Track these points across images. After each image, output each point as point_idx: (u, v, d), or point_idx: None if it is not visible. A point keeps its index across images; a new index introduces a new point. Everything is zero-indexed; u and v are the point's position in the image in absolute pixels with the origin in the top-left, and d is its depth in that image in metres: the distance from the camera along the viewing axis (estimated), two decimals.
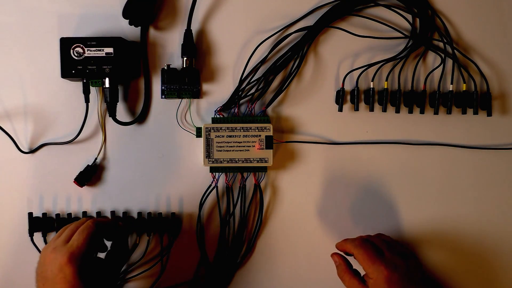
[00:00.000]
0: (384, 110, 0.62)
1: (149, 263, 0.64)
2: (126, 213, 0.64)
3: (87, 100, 0.61)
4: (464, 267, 0.65)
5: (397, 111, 0.63)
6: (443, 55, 0.63)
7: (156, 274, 0.64)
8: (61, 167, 0.63)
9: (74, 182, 0.62)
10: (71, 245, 0.51)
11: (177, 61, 0.63)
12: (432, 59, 0.64)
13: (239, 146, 0.61)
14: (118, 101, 0.62)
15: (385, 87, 0.62)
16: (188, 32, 0.62)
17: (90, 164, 0.63)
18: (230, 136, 0.61)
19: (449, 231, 0.65)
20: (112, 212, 0.63)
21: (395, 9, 0.63)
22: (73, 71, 0.59)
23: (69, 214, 0.63)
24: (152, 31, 0.64)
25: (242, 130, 0.61)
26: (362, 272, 0.57)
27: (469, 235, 0.65)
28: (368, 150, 0.64)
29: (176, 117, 0.64)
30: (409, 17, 0.63)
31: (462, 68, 0.63)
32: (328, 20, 0.63)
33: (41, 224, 0.63)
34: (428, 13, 0.63)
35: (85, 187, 0.63)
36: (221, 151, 0.61)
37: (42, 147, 0.63)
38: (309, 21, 0.63)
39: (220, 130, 0.61)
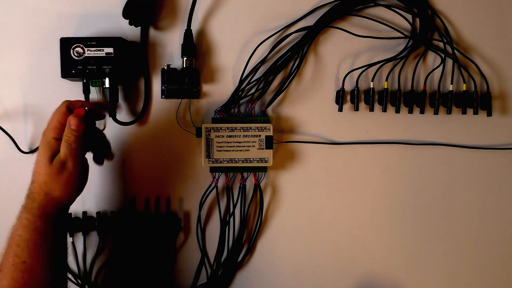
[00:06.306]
0: (384, 110, 0.62)
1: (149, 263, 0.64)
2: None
3: None
4: (462, 266, 0.65)
5: (397, 111, 0.63)
6: (443, 55, 0.63)
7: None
8: None
9: None
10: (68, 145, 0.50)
11: (177, 61, 0.63)
12: (432, 59, 0.64)
13: (239, 146, 0.61)
14: (118, 101, 0.62)
15: (385, 87, 0.62)
16: (188, 32, 0.62)
17: None
18: (230, 136, 0.61)
19: (448, 230, 0.65)
20: (112, 212, 0.63)
21: (395, 9, 0.63)
22: (73, 71, 0.59)
23: (69, 214, 0.63)
24: (152, 31, 0.64)
25: (242, 130, 0.61)
26: None
27: (468, 234, 0.65)
28: (368, 150, 0.64)
29: (176, 117, 0.64)
30: (409, 17, 0.63)
31: (462, 68, 0.63)
32: (328, 20, 0.63)
33: None
34: (428, 13, 0.63)
35: (85, 187, 0.63)
36: (221, 151, 0.61)
37: None
38: (309, 21, 0.63)
39: (220, 130, 0.61)
